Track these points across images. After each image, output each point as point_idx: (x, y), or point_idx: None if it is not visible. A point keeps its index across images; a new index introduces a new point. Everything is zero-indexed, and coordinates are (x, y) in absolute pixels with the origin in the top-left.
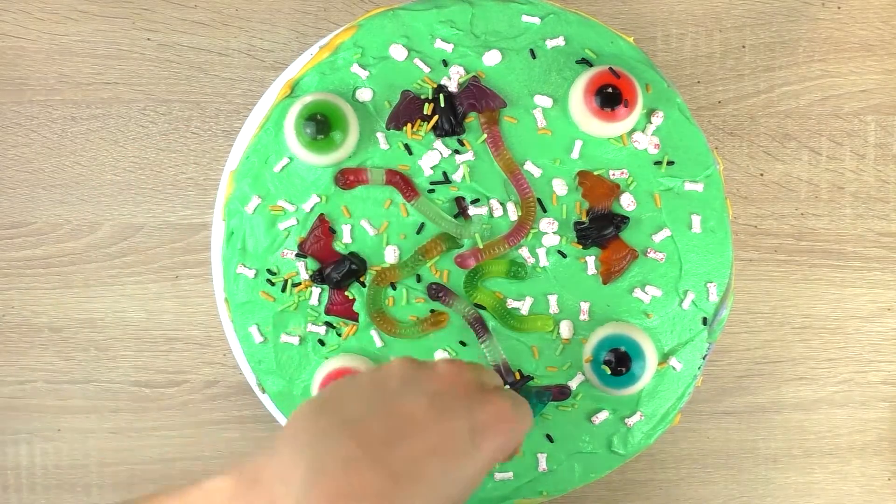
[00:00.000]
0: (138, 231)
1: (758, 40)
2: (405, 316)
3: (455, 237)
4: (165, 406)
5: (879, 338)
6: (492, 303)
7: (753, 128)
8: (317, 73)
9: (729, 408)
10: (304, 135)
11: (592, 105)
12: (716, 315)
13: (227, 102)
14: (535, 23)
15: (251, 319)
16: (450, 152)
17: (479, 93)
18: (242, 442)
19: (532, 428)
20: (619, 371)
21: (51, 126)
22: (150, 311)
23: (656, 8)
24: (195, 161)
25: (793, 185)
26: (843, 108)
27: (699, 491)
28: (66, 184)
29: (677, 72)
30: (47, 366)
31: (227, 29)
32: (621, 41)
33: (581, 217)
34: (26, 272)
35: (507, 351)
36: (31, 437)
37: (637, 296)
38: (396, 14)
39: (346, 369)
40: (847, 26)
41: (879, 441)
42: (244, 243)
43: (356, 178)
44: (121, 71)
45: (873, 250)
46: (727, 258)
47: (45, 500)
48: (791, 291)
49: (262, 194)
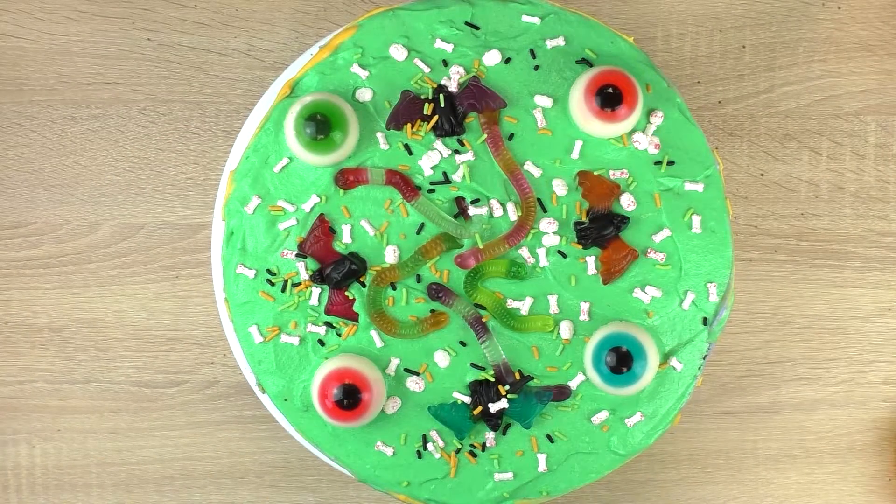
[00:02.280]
0: (138, 231)
1: (758, 40)
2: (405, 316)
3: (455, 237)
4: (165, 406)
5: (879, 338)
6: (492, 303)
7: (753, 128)
8: (317, 73)
9: (729, 408)
10: (304, 135)
11: (593, 105)
12: (716, 315)
13: (227, 102)
14: (535, 23)
15: (251, 319)
16: (450, 152)
17: (479, 93)
18: (242, 442)
19: (532, 428)
20: (621, 370)
21: (51, 126)
22: (150, 311)
23: (656, 8)
24: (195, 161)
25: (793, 185)
26: (843, 108)
27: (699, 491)
28: (66, 184)
29: (677, 72)
30: (47, 366)
31: (227, 29)
32: (621, 41)
33: (581, 217)
34: (26, 272)
35: (507, 351)
36: (31, 437)
37: (637, 296)
38: (396, 14)
39: (346, 369)
40: (847, 26)
41: (880, 441)
42: (244, 243)
43: (356, 178)
44: (121, 71)
45: (873, 250)
46: (727, 258)
47: (45, 500)
48: (791, 291)
49: (262, 194)
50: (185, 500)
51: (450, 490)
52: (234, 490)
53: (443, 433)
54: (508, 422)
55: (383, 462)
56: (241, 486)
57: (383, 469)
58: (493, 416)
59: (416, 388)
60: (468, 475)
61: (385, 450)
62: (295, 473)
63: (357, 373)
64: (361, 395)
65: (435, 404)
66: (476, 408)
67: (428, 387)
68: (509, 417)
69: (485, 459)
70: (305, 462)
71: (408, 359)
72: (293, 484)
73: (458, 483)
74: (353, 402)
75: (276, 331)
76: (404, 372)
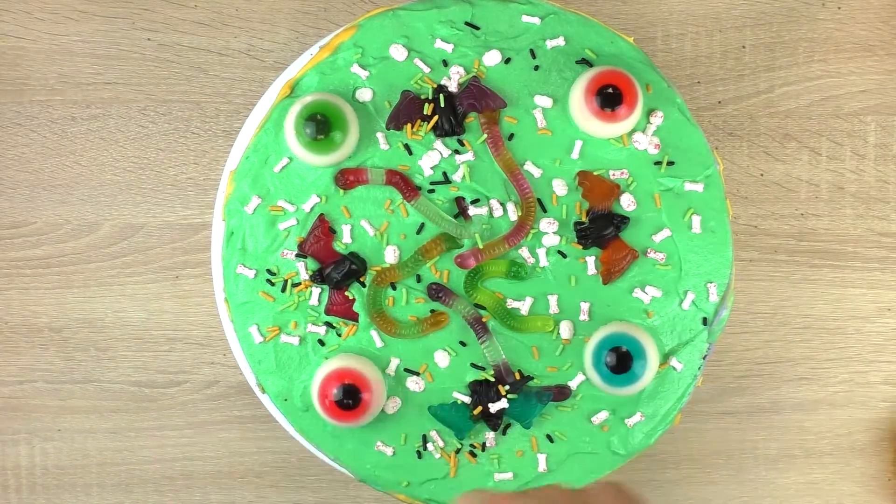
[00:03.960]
0: (138, 231)
1: (758, 40)
2: (405, 316)
3: (455, 237)
4: (165, 406)
5: (880, 338)
6: (492, 303)
7: (753, 128)
8: (317, 73)
9: (729, 408)
10: (304, 135)
11: (593, 105)
12: (716, 315)
13: (227, 102)
14: (535, 23)
15: (251, 319)
16: (450, 152)
17: (479, 93)
18: (242, 442)
19: (532, 428)
20: (621, 370)
21: (51, 126)
22: (150, 311)
23: (656, 8)
24: (195, 161)
25: (793, 185)
26: (843, 109)
27: (699, 491)
28: (66, 184)
29: (677, 72)
30: (47, 366)
31: (227, 29)
32: (621, 41)
33: (581, 217)
34: (26, 272)
35: (507, 351)
36: (31, 437)
37: (637, 296)
38: (396, 14)
39: (346, 369)
40: (847, 26)
41: (880, 441)
42: (244, 243)
43: (356, 178)
44: (121, 71)
45: (873, 250)
46: (727, 258)
47: (45, 500)
48: (791, 291)
49: (262, 194)
50: (185, 500)
51: (450, 490)
52: (234, 490)
53: (443, 433)
54: (508, 422)
55: (383, 462)
56: (241, 486)
57: (383, 469)
58: (493, 416)
59: (416, 388)
60: (468, 475)
61: (385, 450)
62: (295, 473)
63: (357, 373)
64: (361, 395)
65: (435, 404)
66: (476, 408)
67: (428, 387)
68: (509, 417)
69: (485, 459)
70: (305, 462)
71: (408, 359)
72: (293, 484)
73: (458, 483)
74: (353, 402)
75: (276, 331)
76: (404, 372)
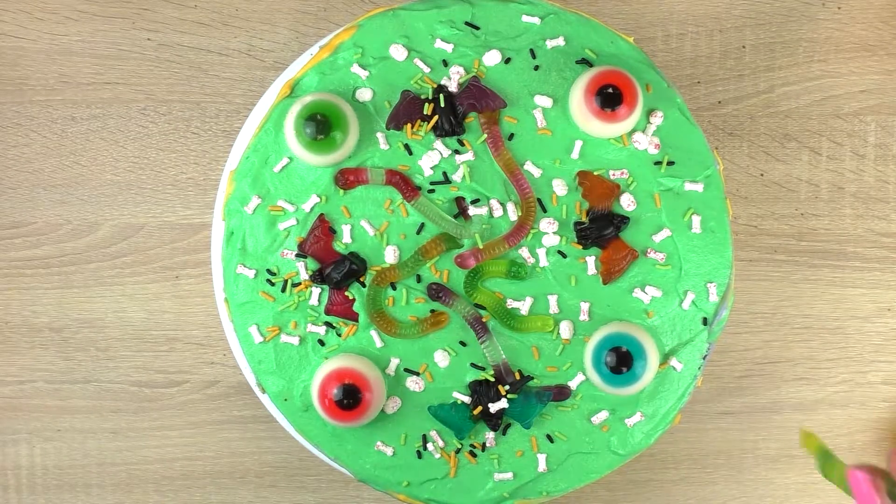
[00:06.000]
0: (138, 231)
1: (758, 40)
2: (405, 316)
3: (455, 237)
4: (165, 406)
5: (879, 338)
6: (492, 303)
7: (753, 128)
8: (317, 73)
9: (729, 408)
10: (304, 135)
11: (593, 105)
12: (716, 315)
13: (227, 102)
14: (535, 23)
15: (251, 319)
16: (450, 152)
17: (479, 93)
18: (242, 442)
19: (532, 428)
20: (621, 370)
21: (51, 126)
22: (150, 311)
23: (656, 8)
24: (195, 161)
25: (793, 185)
26: (843, 109)
27: (699, 491)
28: (66, 184)
29: (677, 72)
30: (47, 366)
31: (227, 29)
32: (621, 41)
33: (581, 217)
34: (26, 272)
35: (507, 351)
36: (31, 437)
37: (637, 296)
38: (396, 14)
39: (346, 369)
40: (847, 26)
41: (879, 441)
42: (244, 243)
43: (356, 178)
44: (121, 71)
45: (873, 250)
46: (727, 258)
47: (45, 500)
48: (791, 291)
49: (262, 194)
50: (185, 500)
51: (450, 490)
52: (234, 490)
53: (443, 433)
54: (508, 422)
55: (383, 462)
56: (241, 486)
57: (383, 469)
58: (493, 416)
59: (416, 388)
60: (468, 475)
61: (385, 450)
62: (295, 473)
63: (357, 373)
64: (361, 395)
65: (435, 404)
66: (476, 408)
67: (428, 387)
68: (509, 417)
69: (485, 459)
70: (305, 462)
71: (408, 359)
72: (293, 484)
73: (458, 483)
74: (354, 401)
75: (276, 331)
76: (404, 372)
